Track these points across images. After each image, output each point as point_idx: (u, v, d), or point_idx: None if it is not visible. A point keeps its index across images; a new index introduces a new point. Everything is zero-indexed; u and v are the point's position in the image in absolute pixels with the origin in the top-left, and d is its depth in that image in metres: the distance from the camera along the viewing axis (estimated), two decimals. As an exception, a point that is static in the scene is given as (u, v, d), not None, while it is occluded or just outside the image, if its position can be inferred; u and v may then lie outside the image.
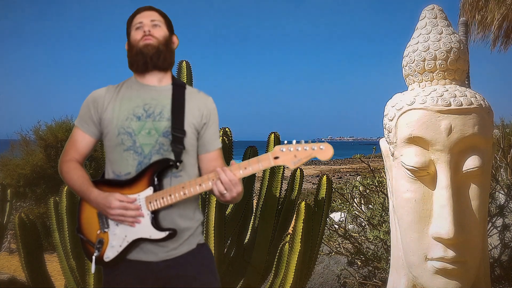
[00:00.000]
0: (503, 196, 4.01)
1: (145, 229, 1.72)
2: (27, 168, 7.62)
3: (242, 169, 1.69)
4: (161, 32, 1.82)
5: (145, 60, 1.78)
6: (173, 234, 1.72)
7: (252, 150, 3.05)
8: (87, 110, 1.83)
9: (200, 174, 1.85)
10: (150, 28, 1.80)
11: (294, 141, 1.66)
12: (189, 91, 1.86)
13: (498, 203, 3.89)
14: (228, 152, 2.91)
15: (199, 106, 1.84)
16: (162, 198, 1.70)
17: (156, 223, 1.72)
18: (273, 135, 3.00)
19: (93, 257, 1.75)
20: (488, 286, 2.33)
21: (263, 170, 2.95)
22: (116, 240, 1.74)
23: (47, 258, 3.10)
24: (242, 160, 3.23)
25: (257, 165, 1.68)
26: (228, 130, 3.03)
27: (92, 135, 1.84)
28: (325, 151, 1.64)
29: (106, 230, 1.75)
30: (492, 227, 3.78)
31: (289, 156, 1.65)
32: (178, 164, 1.73)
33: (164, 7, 1.89)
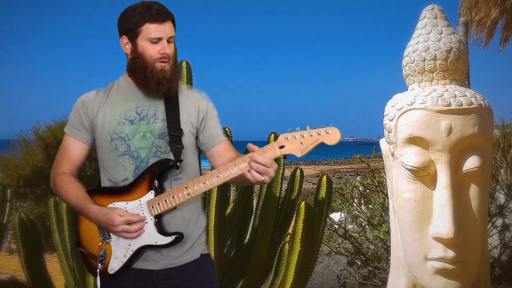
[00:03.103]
0: (503, 196, 4.02)
1: (150, 235, 1.62)
2: (27, 168, 7.62)
3: (246, 162, 1.58)
4: (173, 47, 1.71)
5: (158, 84, 1.67)
6: (180, 238, 1.64)
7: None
8: (77, 115, 1.74)
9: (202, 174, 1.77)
10: (167, 48, 1.67)
11: (298, 128, 1.56)
12: (182, 89, 1.78)
13: (498, 203, 3.90)
14: (228, 152, 2.90)
15: (194, 102, 1.76)
16: (165, 200, 1.61)
17: (160, 228, 1.63)
18: (273, 135, 3.00)
19: (98, 271, 1.64)
20: (488, 286, 2.33)
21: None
22: (120, 250, 1.65)
23: (47, 258, 3.10)
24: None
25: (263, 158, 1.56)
26: (228, 130, 3.03)
27: (84, 141, 1.75)
28: (332, 135, 1.52)
29: (108, 240, 1.66)
30: (492, 227, 3.79)
31: (295, 144, 1.54)
32: (178, 164, 1.65)
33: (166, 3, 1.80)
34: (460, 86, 2.22)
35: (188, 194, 1.60)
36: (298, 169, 3.06)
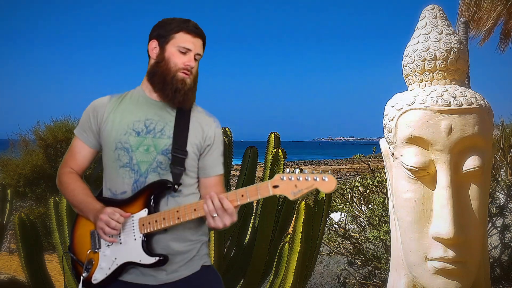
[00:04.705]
0: (503, 196, 4.02)
1: (136, 253, 1.64)
2: (27, 168, 7.61)
3: (239, 197, 1.59)
4: (196, 66, 1.75)
5: (175, 92, 1.68)
6: (163, 260, 1.63)
7: (252, 150, 3.05)
8: (87, 119, 1.76)
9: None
10: (193, 63, 1.71)
11: (297, 170, 1.58)
12: (195, 110, 1.78)
13: (498, 203, 3.90)
14: (228, 152, 2.90)
15: (204, 127, 1.76)
16: (156, 221, 1.63)
17: (147, 247, 1.64)
18: (273, 135, 3.00)
19: (82, 277, 1.67)
20: (488, 286, 2.33)
21: (263, 170, 2.94)
22: (106, 262, 1.67)
23: (47, 258, 3.10)
24: (242, 161, 3.21)
25: (256, 195, 1.59)
26: (228, 130, 3.03)
27: (91, 146, 1.77)
28: (328, 183, 1.54)
29: (97, 250, 1.69)
30: (492, 227, 3.79)
31: (289, 185, 1.56)
32: (176, 186, 1.66)
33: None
34: (460, 86, 2.22)
35: (178, 218, 1.62)
36: (298, 169, 3.05)
